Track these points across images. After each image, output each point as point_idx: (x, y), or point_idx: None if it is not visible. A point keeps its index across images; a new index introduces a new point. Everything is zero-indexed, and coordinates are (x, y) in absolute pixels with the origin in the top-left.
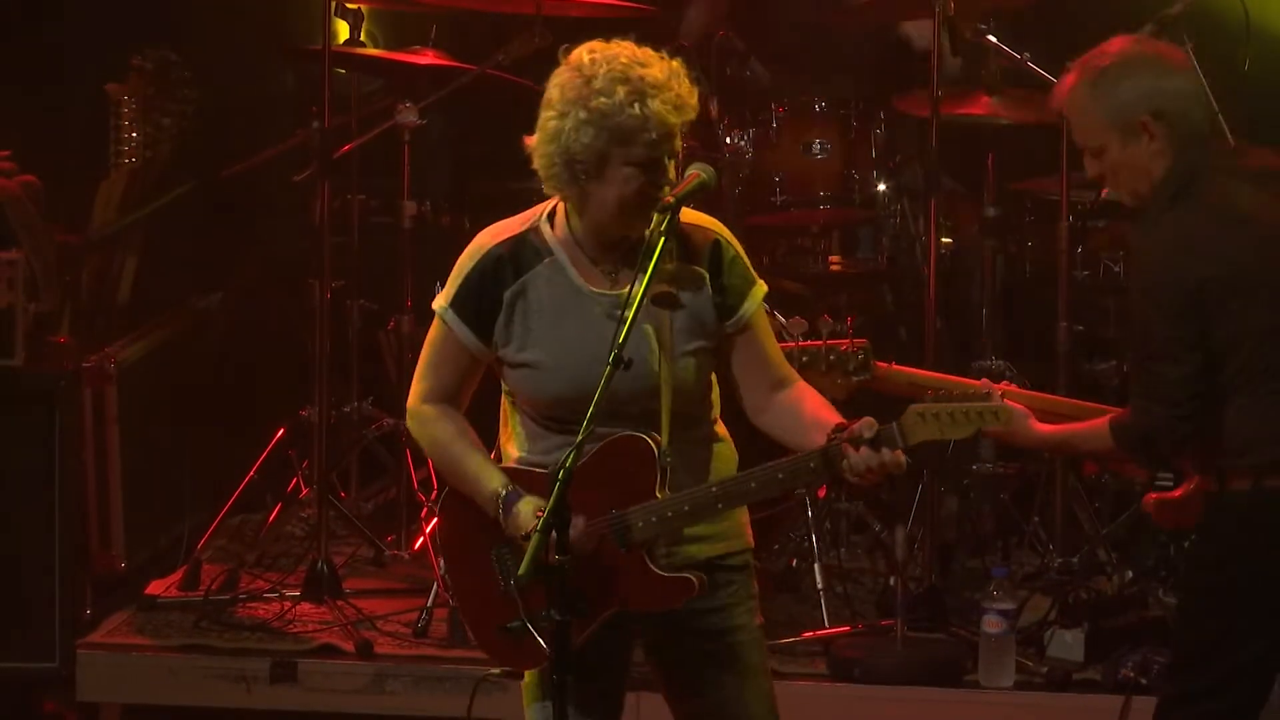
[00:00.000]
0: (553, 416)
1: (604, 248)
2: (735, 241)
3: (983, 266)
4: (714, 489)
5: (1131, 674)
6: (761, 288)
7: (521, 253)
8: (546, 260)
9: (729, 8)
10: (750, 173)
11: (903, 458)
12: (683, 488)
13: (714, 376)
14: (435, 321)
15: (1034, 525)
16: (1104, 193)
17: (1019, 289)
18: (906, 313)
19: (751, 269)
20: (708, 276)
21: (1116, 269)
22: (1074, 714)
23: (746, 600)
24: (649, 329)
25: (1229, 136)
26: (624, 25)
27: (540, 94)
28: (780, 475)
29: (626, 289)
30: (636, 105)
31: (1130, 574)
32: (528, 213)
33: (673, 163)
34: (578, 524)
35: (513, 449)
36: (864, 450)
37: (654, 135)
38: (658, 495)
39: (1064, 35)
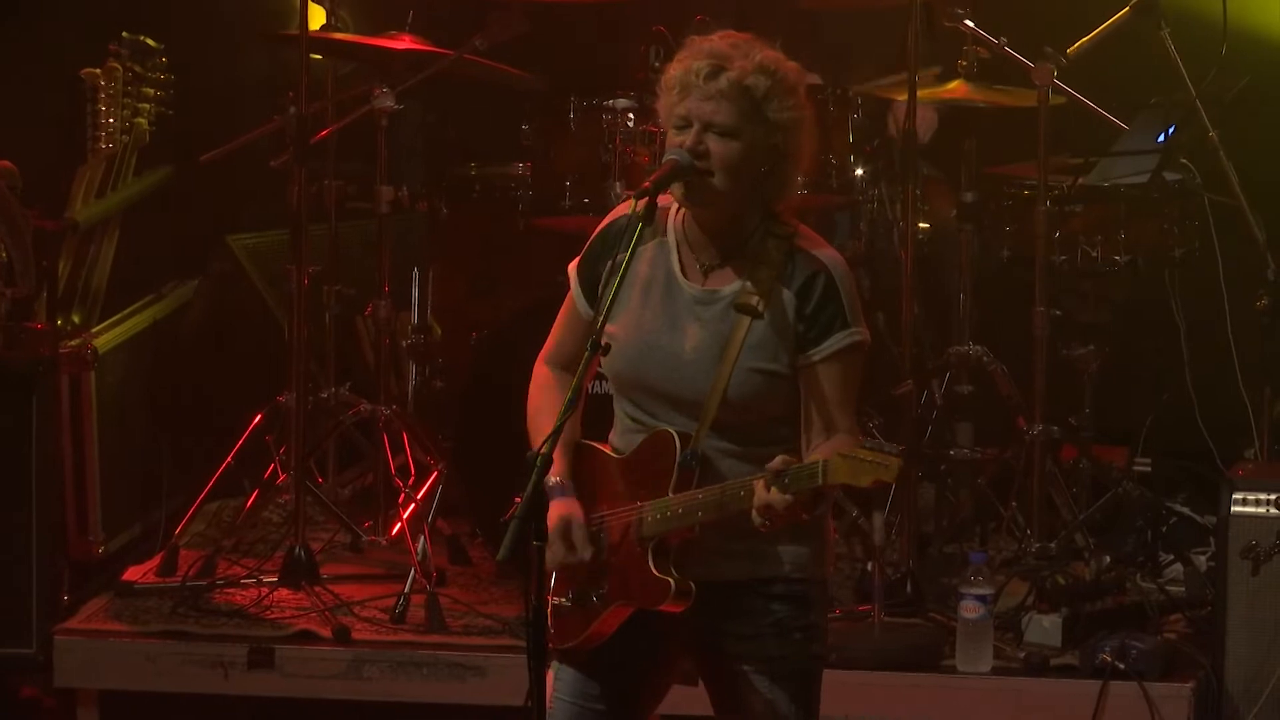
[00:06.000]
0: (622, 395)
1: (702, 241)
2: (846, 282)
3: (960, 251)
4: (699, 495)
5: (1109, 659)
6: (853, 337)
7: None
8: (658, 239)
9: None
10: None
11: (778, 498)
12: None
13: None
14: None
15: (1011, 510)
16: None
17: (996, 274)
18: (884, 298)
19: (852, 316)
20: (792, 302)
21: (1094, 254)
22: (1051, 699)
23: (788, 634)
24: (724, 331)
25: (1207, 124)
26: (601, 9)
27: (518, 79)
28: (716, 498)
29: (716, 287)
30: (671, 66)
31: (1108, 559)
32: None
33: (730, 143)
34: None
35: (613, 434)
36: (771, 490)
37: (675, 91)
38: (669, 494)
39: (1038, 20)
